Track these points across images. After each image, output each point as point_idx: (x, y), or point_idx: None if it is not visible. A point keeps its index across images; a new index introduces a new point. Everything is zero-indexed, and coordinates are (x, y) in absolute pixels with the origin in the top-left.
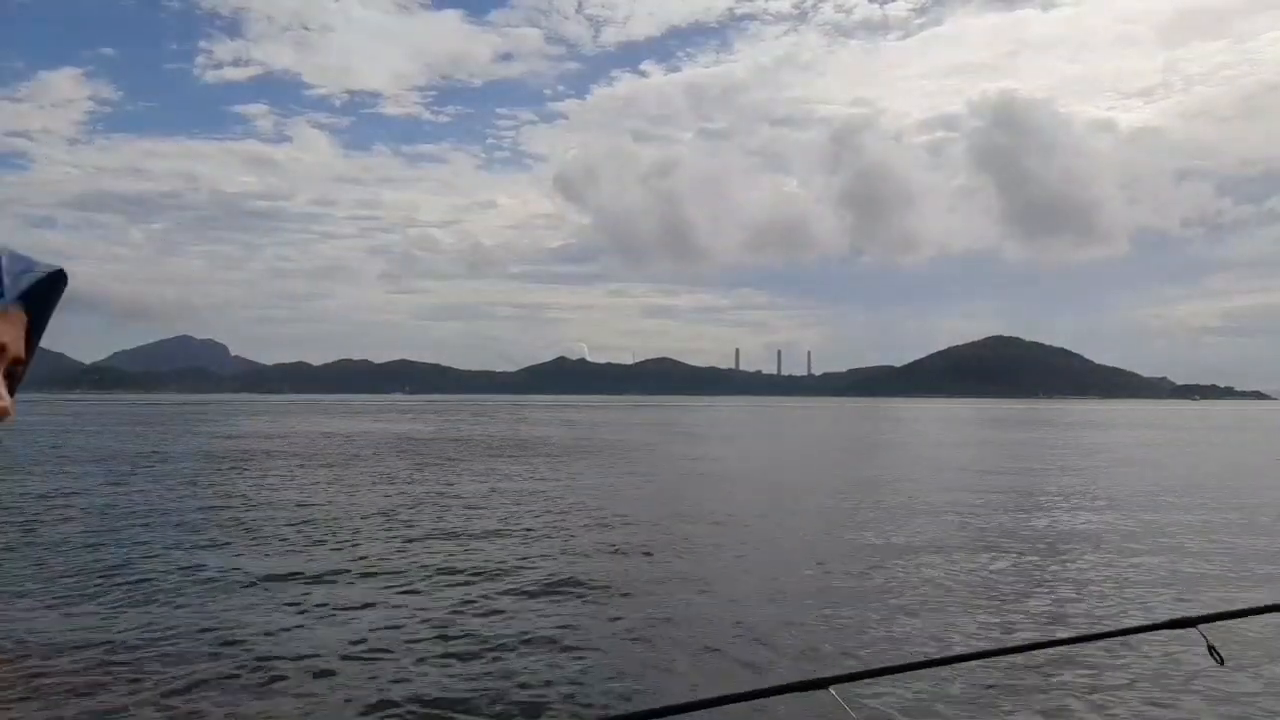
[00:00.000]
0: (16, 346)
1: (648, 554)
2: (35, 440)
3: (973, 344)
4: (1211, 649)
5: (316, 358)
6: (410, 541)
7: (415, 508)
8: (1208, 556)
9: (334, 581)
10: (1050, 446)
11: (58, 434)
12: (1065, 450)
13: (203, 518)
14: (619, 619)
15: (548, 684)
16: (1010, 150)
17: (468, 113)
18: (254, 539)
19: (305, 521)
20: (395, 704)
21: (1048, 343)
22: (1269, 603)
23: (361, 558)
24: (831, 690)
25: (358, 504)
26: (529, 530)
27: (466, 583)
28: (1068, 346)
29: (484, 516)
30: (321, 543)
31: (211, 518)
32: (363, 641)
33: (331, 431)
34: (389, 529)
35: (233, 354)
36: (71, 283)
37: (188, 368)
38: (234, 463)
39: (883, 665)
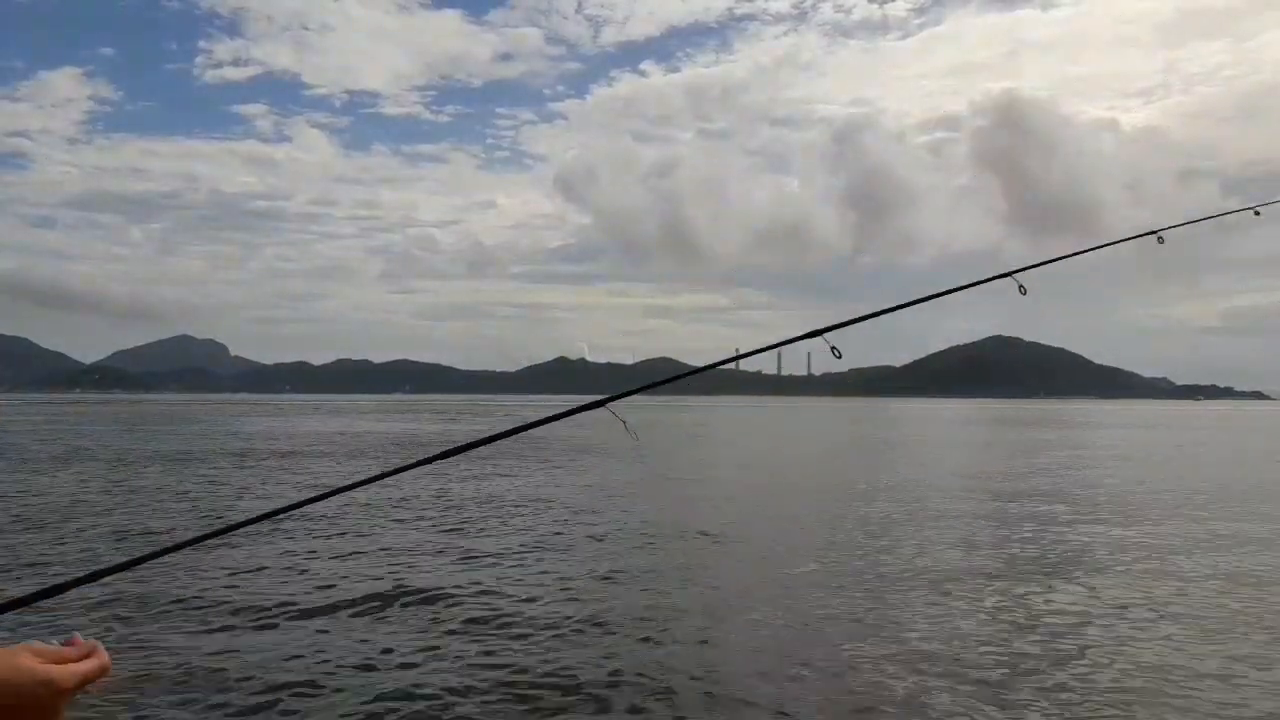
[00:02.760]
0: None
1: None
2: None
3: (973, 344)
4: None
5: (316, 358)
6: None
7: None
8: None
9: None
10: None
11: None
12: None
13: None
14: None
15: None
16: (1012, 150)
17: (468, 113)
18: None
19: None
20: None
21: (1048, 343)
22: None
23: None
24: None
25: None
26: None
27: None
28: (1067, 346)
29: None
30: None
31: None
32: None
33: (383, 430)
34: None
35: (233, 354)
36: (71, 282)
37: (188, 368)
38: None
39: None
